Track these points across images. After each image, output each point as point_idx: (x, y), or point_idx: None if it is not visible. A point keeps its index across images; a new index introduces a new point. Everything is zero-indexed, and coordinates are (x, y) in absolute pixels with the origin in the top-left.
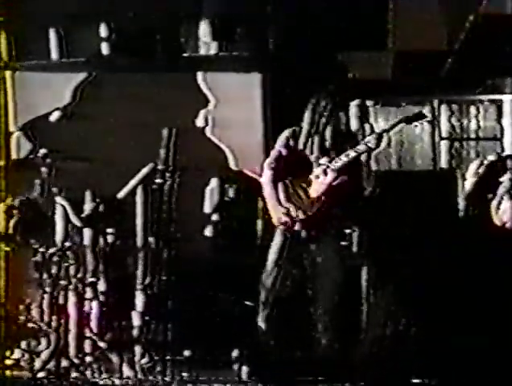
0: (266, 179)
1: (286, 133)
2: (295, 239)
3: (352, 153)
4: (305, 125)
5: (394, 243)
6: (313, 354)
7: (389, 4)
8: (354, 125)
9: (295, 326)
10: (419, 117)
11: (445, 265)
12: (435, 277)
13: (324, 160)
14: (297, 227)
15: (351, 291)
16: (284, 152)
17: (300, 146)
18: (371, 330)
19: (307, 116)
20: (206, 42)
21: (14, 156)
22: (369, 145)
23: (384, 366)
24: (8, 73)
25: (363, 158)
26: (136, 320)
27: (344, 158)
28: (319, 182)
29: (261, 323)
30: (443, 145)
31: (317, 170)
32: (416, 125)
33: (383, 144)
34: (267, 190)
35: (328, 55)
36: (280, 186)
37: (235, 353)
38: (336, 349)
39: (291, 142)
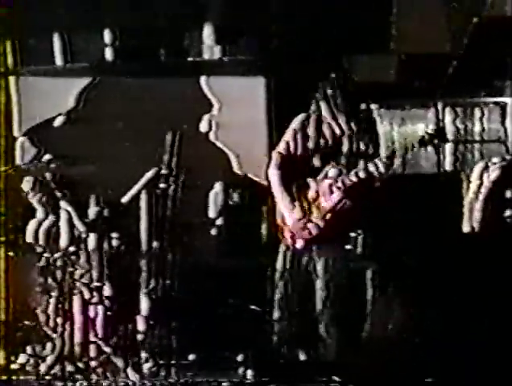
0: (274, 181)
1: (294, 123)
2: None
3: (360, 173)
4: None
5: (399, 246)
6: (320, 356)
7: (392, 7)
8: (359, 128)
9: (303, 327)
10: (434, 135)
11: (450, 268)
12: (439, 279)
13: (332, 172)
14: (299, 244)
15: (356, 294)
16: (292, 145)
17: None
18: (377, 332)
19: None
20: (210, 46)
21: (18, 161)
22: (379, 166)
23: (389, 367)
24: (12, 78)
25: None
26: (141, 324)
27: (352, 178)
28: (324, 199)
29: (273, 325)
30: (448, 148)
31: (324, 184)
32: (434, 145)
33: (386, 147)
34: (278, 192)
35: (332, 59)
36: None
37: (240, 357)
38: (343, 351)
39: (300, 134)
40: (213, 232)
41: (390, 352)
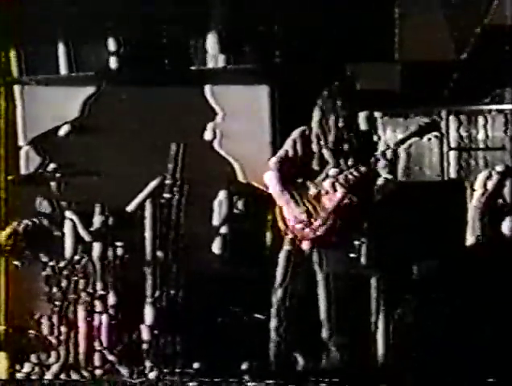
0: (272, 182)
1: (294, 133)
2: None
3: (362, 168)
4: (313, 135)
5: (403, 254)
6: (323, 362)
7: (396, 16)
8: (362, 136)
9: (305, 335)
10: (431, 128)
11: (454, 274)
12: (443, 286)
13: (332, 171)
14: (305, 245)
15: (360, 302)
16: (291, 153)
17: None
18: (381, 339)
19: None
20: (214, 55)
21: (23, 170)
22: (380, 159)
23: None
24: (17, 87)
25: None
26: (145, 333)
27: (354, 173)
28: (328, 198)
29: (272, 333)
30: (452, 156)
31: (326, 183)
32: (429, 138)
33: (392, 155)
34: (277, 192)
35: (336, 67)
36: (292, 191)
37: (244, 365)
38: (346, 357)
39: (299, 144)
40: (217, 240)
41: (392, 356)
